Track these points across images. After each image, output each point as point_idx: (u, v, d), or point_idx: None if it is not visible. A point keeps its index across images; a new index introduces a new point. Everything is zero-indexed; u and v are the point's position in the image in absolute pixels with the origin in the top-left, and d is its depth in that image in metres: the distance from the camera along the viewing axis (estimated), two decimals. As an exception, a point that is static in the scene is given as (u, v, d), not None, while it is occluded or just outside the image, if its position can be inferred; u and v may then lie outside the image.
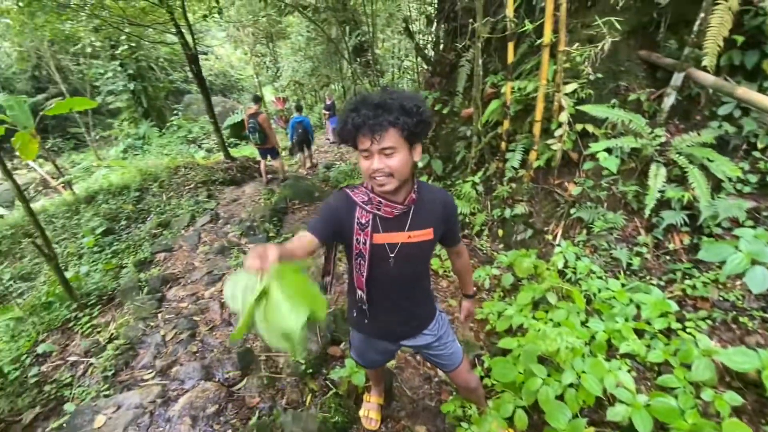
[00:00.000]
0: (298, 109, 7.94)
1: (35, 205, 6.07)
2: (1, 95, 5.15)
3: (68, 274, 3.80)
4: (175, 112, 13.83)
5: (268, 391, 2.21)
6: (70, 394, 2.50)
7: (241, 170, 7.44)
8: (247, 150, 11.68)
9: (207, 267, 3.90)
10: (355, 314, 1.51)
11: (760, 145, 2.55)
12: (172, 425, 1.97)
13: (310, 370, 2.37)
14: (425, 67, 5.38)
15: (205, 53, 18.19)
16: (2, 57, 14.28)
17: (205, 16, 6.85)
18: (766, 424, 1.82)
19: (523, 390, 1.89)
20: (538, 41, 2.95)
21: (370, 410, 2.12)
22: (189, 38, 6.15)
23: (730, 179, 2.54)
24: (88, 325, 3.20)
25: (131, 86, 12.24)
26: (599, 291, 2.48)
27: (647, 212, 2.63)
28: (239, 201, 5.86)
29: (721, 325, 2.21)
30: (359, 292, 1.38)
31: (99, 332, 3.10)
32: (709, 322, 2.21)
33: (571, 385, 1.84)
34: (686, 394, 1.73)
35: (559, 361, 1.89)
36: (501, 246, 3.46)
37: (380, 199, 1.23)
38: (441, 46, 5.05)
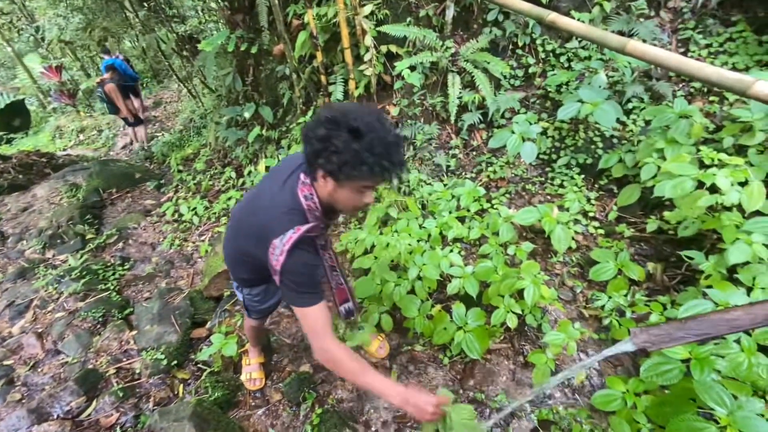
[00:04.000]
0: (106, 52, 6.46)
1: None
2: None
3: None
4: None
5: (129, 401, 1.97)
6: None
7: (23, 170, 5.76)
8: (29, 142, 9.07)
9: (6, 298, 3.05)
10: None
11: (520, 43, 3.09)
12: (4, 490, 1.61)
13: (175, 362, 2.18)
14: (223, 3, 4.73)
15: None
16: None
17: None
18: (551, 258, 2.45)
19: (383, 297, 2.11)
20: (325, -38, 2.84)
21: (251, 372, 2.11)
22: None
23: (504, 77, 3.05)
24: None
25: None
26: (430, 195, 2.82)
27: (452, 118, 3.00)
28: (32, 208, 4.59)
29: (515, 195, 2.79)
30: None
31: None
32: (507, 195, 2.76)
33: (418, 279, 2.12)
34: (497, 255, 2.17)
35: (405, 262, 2.13)
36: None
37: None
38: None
